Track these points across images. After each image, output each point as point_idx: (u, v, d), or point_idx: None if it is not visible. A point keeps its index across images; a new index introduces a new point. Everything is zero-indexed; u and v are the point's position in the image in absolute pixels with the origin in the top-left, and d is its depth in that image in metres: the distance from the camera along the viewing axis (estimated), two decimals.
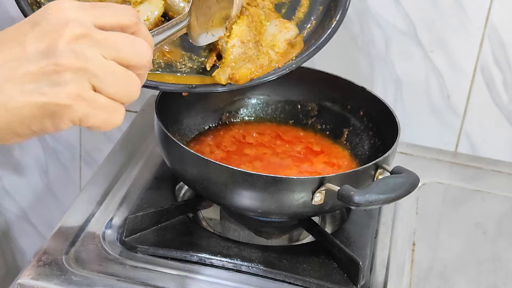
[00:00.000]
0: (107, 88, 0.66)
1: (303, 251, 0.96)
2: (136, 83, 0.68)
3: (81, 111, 0.66)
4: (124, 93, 0.68)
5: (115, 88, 0.67)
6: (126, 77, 0.67)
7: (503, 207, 1.15)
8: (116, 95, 0.67)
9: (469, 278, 0.99)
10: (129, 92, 0.68)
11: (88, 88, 0.66)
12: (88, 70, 0.65)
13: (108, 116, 0.67)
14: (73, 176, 1.51)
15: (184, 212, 1.00)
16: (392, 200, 0.85)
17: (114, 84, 0.67)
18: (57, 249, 0.93)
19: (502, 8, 1.19)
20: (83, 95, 0.65)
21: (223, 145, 1.07)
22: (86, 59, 0.65)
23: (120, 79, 0.67)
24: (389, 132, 1.03)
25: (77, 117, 0.66)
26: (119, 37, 0.67)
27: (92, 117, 0.67)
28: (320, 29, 1.01)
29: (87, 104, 0.66)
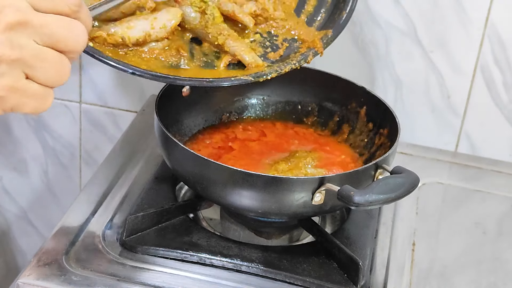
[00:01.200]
0: (40, 75, 0.67)
1: (303, 251, 0.96)
2: (67, 67, 0.68)
3: (13, 101, 0.67)
4: (56, 78, 0.68)
5: (47, 74, 0.67)
6: (58, 63, 0.68)
7: (503, 207, 1.15)
8: (49, 81, 0.68)
9: (469, 278, 0.99)
10: (61, 76, 0.68)
11: (21, 78, 0.66)
12: (22, 60, 0.65)
13: (39, 103, 0.68)
14: (73, 176, 1.51)
15: (184, 212, 1.00)
16: (392, 200, 0.85)
17: (46, 71, 0.67)
18: (57, 249, 0.93)
19: (502, 8, 1.19)
20: (16, 86, 0.66)
21: (223, 145, 1.07)
22: (21, 48, 0.65)
23: (53, 65, 0.67)
24: (389, 132, 1.03)
25: (9, 106, 0.67)
26: (56, 22, 0.67)
27: (24, 105, 0.67)
28: (331, 23, 1.02)
29: (20, 94, 0.67)
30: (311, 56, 0.99)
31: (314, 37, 1.01)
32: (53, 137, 1.47)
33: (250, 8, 0.99)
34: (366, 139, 1.08)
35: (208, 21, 0.95)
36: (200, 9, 0.95)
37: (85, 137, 1.46)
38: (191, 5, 0.95)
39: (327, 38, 1.00)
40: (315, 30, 1.03)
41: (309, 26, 1.04)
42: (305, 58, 0.99)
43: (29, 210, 1.60)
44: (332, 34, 1.01)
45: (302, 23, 1.04)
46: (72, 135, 1.46)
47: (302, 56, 0.99)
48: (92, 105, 1.41)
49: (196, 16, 0.95)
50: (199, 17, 0.95)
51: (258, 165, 1.02)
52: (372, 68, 1.27)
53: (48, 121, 1.46)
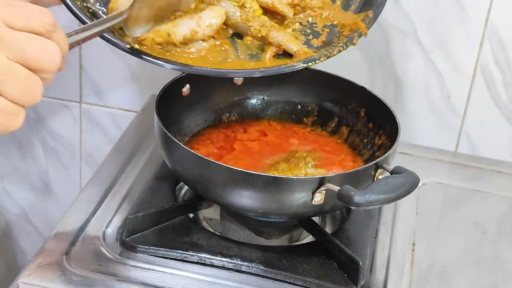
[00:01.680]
0: (9, 91, 0.65)
1: (303, 251, 0.96)
2: (39, 87, 0.67)
3: None
4: (25, 96, 0.66)
5: (17, 91, 0.65)
6: (29, 81, 0.66)
7: (503, 207, 1.15)
8: (18, 98, 0.66)
9: (469, 278, 0.99)
10: (31, 95, 0.66)
11: None
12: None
13: (8, 120, 0.66)
14: (73, 176, 1.51)
15: (184, 212, 1.00)
16: (392, 200, 0.85)
17: (16, 88, 0.65)
18: (57, 249, 0.93)
19: (502, 8, 1.19)
20: None
21: (224, 145, 1.07)
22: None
23: (23, 82, 0.65)
24: (389, 132, 1.03)
25: None
26: (28, 40, 0.66)
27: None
28: (368, 4, 1.02)
29: None
30: (356, 38, 0.99)
31: (354, 20, 1.01)
32: (53, 137, 1.47)
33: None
34: (366, 139, 1.08)
35: (249, 15, 0.95)
36: (239, 3, 0.95)
37: (85, 137, 1.46)
38: (229, 0, 0.95)
39: (369, 18, 1.00)
40: (353, 14, 1.03)
41: (345, 10, 1.04)
42: (351, 40, 0.98)
43: (29, 210, 1.60)
44: (373, 14, 1.00)
45: (338, 9, 1.03)
46: (72, 135, 1.46)
47: (348, 38, 0.99)
48: (92, 105, 1.41)
49: (236, 10, 0.95)
50: (239, 11, 0.95)
51: (258, 165, 1.02)
52: (372, 68, 1.27)
53: (48, 121, 1.46)
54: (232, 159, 1.03)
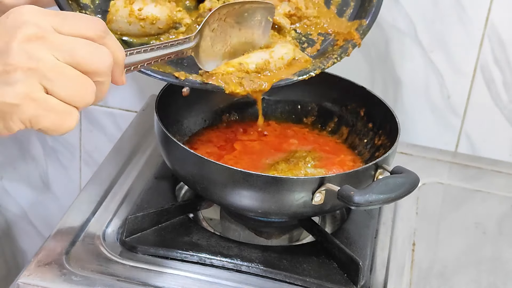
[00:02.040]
0: (59, 90, 0.66)
1: (303, 251, 0.96)
2: (90, 88, 0.68)
3: (30, 111, 0.66)
4: (76, 97, 0.67)
5: (67, 91, 0.66)
6: (79, 81, 0.67)
7: (503, 207, 1.15)
8: (68, 98, 0.67)
9: (469, 278, 0.99)
10: (82, 96, 0.67)
11: (39, 89, 0.66)
12: (38, 70, 0.65)
13: (60, 119, 0.67)
14: (73, 176, 1.51)
15: (184, 212, 1.00)
16: (392, 200, 0.85)
17: (65, 86, 0.66)
18: (57, 249, 0.93)
19: (502, 8, 1.19)
20: (33, 96, 0.65)
21: (224, 145, 1.07)
22: (38, 60, 0.65)
23: (73, 82, 0.66)
24: (389, 132, 1.03)
25: (27, 118, 0.66)
26: (78, 42, 0.67)
27: (42, 119, 0.67)
28: (362, 12, 1.02)
29: (37, 105, 0.66)
30: (350, 48, 0.99)
31: (348, 28, 1.01)
32: (53, 137, 1.47)
33: (284, 9, 1.00)
34: (366, 139, 1.08)
35: None
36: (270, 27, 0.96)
37: (85, 137, 1.46)
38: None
39: (363, 28, 1.01)
40: (347, 21, 1.03)
41: (339, 17, 1.04)
42: (345, 51, 0.99)
43: (29, 210, 1.60)
44: (368, 24, 1.01)
45: (333, 16, 1.04)
46: (72, 135, 1.46)
47: (342, 49, 0.99)
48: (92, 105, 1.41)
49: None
50: (270, 35, 0.97)
51: (258, 165, 1.02)
52: (372, 68, 1.27)
53: None
54: (232, 159, 1.03)
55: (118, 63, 0.71)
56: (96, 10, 0.96)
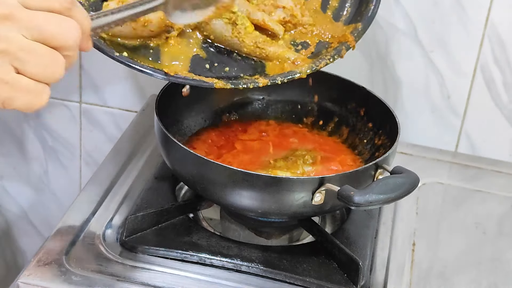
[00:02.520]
0: (30, 69, 0.66)
1: (303, 251, 0.96)
2: (60, 64, 0.68)
3: (3, 94, 0.66)
4: (47, 73, 0.67)
5: (38, 69, 0.66)
6: (49, 58, 0.67)
7: (503, 207, 1.15)
8: (39, 75, 0.67)
9: (469, 278, 0.99)
10: (53, 72, 0.67)
11: (10, 71, 0.66)
12: (9, 52, 0.65)
13: (32, 97, 0.67)
14: (73, 176, 1.51)
15: (184, 212, 1.00)
16: (392, 200, 0.85)
17: (36, 65, 0.66)
18: (57, 249, 0.93)
19: (502, 8, 1.19)
20: (5, 78, 0.65)
21: (224, 145, 1.07)
22: (7, 41, 0.65)
23: (43, 59, 0.66)
24: (389, 132, 1.03)
25: (0, 100, 0.67)
26: (45, 17, 0.67)
27: (16, 99, 0.67)
28: (358, 16, 1.02)
29: (10, 87, 0.66)
30: (344, 50, 0.99)
31: (343, 31, 1.01)
32: (53, 137, 1.47)
33: (279, 15, 1.00)
34: (366, 139, 1.08)
35: (241, 32, 0.96)
36: (230, 21, 0.96)
37: (85, 137, 1.46)
38: (220, 17, 0.95)
39: (357, 31, 1.01)
40: (343, 25, 1.03)
41: (335, 21, 1.04)
42: (338, 52, 0.99)
43: (29, 210, 1.60)
44: (362, 27, 1.01)
45: (329, 21, 1.04)
46: (72, 135, 1.46)
47: (335, 50, 0.99)
48: (92, 105, 1.41)
49: (228, 27, 0.95)
50: (231, 28, 0.96)
51: (257, 163, 1.02)
52: (372, 68, 1.27)
53: (48, 121, 1.46)
54: (231, 157, 1.03)
55: (85, 32, 0.71)
56: (90, 8, 0.95)
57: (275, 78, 0.95)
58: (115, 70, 1.36)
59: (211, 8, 0.91)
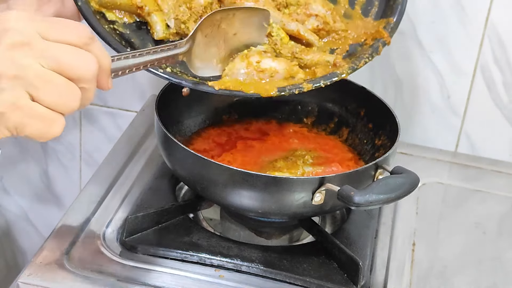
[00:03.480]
0: (44, 97, 0.66)
1: (303, 251, 0.96)
2: (75, 94, 0.68)
3: (16, 119, 0.66)
4: (62, 103, 0.67)
5: (53, 97, 0.67)
6: (65, 87, 0.67)
7: (503, 207, 1.15)
8: (54, 104, 0.67)
9: (469, 278, 0.99)
10: (68, 102, 0.68)
11: (24, 97, 0.66)
12: (24, 78, 0.65)
13: (45, 126, 0.68)
14: (73, 176, 1.51)
15: (184, 212, 1.00)
16: (392, 200, 0.85)
17: (51, 93, 0.66)
18: (57, 249, 0.93)
19: (502, 8, 1.19)
20: (18, 104, 0.65)
21: (224, 144, 1.07)
22: (23, 67, 0.65)
23: (59, 88, 0.67)
24: (389, 132, 1.03)
25: (13, 125, 0.67)
26: (62, 48, 0.67)
27: (28, 126, 0.67)
28: (388, 10, 1.02)
29: (22, 113, 0.66)
30: (381, 47, 0.98)
31: (375, 27, 1.01)
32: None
33: (312, 24, 0.99)
34: (366, 140, 1.08)
35: (277, 43, 0.96)
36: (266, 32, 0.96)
37: (85, 137, 1.46)
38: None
39: (390, 26, 1.00)
40: (373, 20, 1.03)
41: (365, 17, 1.04)
42: (376, 50, 0.98)
43: (29, 210, 1.60)
44: (395, 21, 1.00)
45: (358, 17, 1.03)
46: (72, 135, 1.46)
47: (372, 48, 0.98)
48: (92, 105, 1.41)
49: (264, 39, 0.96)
50: (267, 40, 0.96)
51: (257, 162, 1.02)
52: (372, 68, 1.27)
53: None
54: (230, 156, 1.03)
55: (104, 69, 0.71)
56: (125, 28, 0.96)
57: (318, 82, 0.94)
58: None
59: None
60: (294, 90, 0.93)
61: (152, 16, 0.94)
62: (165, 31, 0.95)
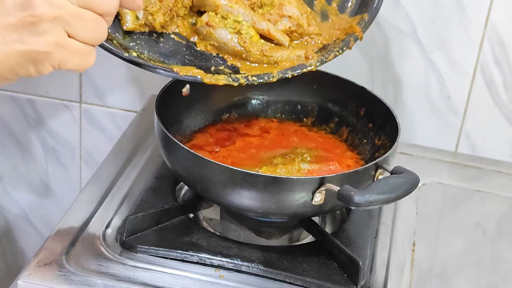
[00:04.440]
0: (80, 33, 0.74)
1: (303, 251, 0.96)
2: (103, 27, 0.76)
3: (59, 56, 0.74)
4: (94, 37, 0.76)
5: (87, 32, 0.75)
6: (95, 22, 0.75)
7: (503, 207, 1.15)
8: (87, 39, 0.75)
9: (469, 278, 0.99)
10: (98, 35, 0.76)
11: (64, 35, 0.74)
12: (62, 18, 0.73)
13: (83, 59, 0.76)
14: (73, 176, 1.51)
15: (184, 212, 1.00)
16: (392, 200, 0.85)
17: (85, 29, 0.75)
18: (57, 249, 0.93)
19: (502, 8, 1.19)
20: (60, 42, 0.73)
21: (224, 145, 1.07)
22: (60, 8, 0.72)
23: (90, 24, 0.75)
24: (389, 132, 1.03)
25: (57, 62, 0.74)
26: None
27: (69, 61, 0.75)
28: (364, 7, 1.02)
29: (65, 50, 0.74)
30: (352, 42, 0.98)
31: (349, 23, 1.01)
32: (53, 137, 1.47)
33: (285, 25, 0.99)
34: (366, 139, 1.08)
35: (246, 41, 0.96)
36: (235, 30, 0.96)
37: (85, 137, 1.46)
38: (225, 27, 0.96)
39: (364, 22, 1.00)
40: (348, 16, 1.03)
41: (341, 13, 1.04)
42: (347, 44, 0.98)
43: (29, 210, 1.60)
44: (369, 18, 1.00)
45: (334, 12, 1.03)
46: (72, 135, 1.46)
47: (344, 42, 0.98)
48: (92, 105, 1.41)
49: (233, 37, 0.96)
50: (237, 37, 0.96)
51: (256, 158, 1.02)
52: (372, 68, 1.27)
53: (48, 121, 1.46)
54: (229, 153, 1.03)
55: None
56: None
57: (286, 72, 0.95)
58: (115, 70, 1.36)
59: None
60: (262, 79, 0.94)
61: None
62: (135, 22, 0.96)
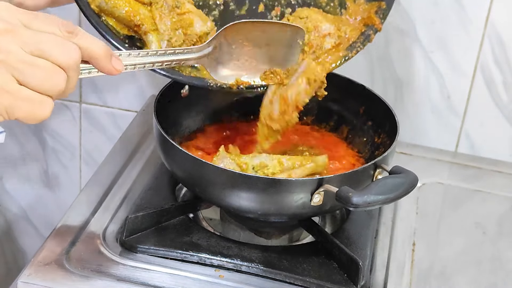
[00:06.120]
0: (29, 80, 0.70)
1: (303, 251, 0.96)
2: (61, 77, 0.71)
3: (5, 103, 0.70)
4: (48, 85, 0.70)
5: (38, 80, 0.70)
6: (50, 70, 0.70)
7: (503, 207, 1.15)
8: (40, 87, 0.70)
9: (469, 278, 0.99)
10: (54, 85, 0.71)
11: (11, 81, 0.69)
12: (8, 63, 0.68)
13: (34, 108, 0.71)
14: (73, 176, 1.51)
15: (184, 212, 1.00)
16: (390, 200, 0.85)
17: (36, 76, 0.69)
18: (57, 249, 0.93)
19: (502, 8, 1.19)
20: (6, 88, 0.69)
21: (223, 141, 1.07)
22: (7, 52, 0.68)
23: (43, 72, 0.70)
24: (389, 130, 1.03)
25: (3, 108, 0.70)
26: (46, 36, 0.70)
27: (17, 109, 0.70)
28: None
29: (11, 96, 0.69)
30: (372, 35, 0.97)
31: (366, 10, 0.99)
32: (53, 137, 1.47)
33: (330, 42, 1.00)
34: (365, 138, 1.08)
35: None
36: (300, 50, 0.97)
37: (85, 137, 1.46)
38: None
39: (382, 11, 0.98)
40: (364, 2, 1.01)
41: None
42: (367, 38, 0.97)
43: (29, 210, 1.60)
44: (387, 6, 0.98)
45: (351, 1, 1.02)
46: (72, 135, 1.46)
47: (364, 36, 0.98)
48: (92, 105, 1.41)
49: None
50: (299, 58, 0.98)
51: None
52: (372, 68, 1.27)
53: (48, 121, 1.45)
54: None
55: (97, 56, 0.74)
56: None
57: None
58: None
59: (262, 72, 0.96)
60: None
61: (148, 36, 0.95)
62: None
